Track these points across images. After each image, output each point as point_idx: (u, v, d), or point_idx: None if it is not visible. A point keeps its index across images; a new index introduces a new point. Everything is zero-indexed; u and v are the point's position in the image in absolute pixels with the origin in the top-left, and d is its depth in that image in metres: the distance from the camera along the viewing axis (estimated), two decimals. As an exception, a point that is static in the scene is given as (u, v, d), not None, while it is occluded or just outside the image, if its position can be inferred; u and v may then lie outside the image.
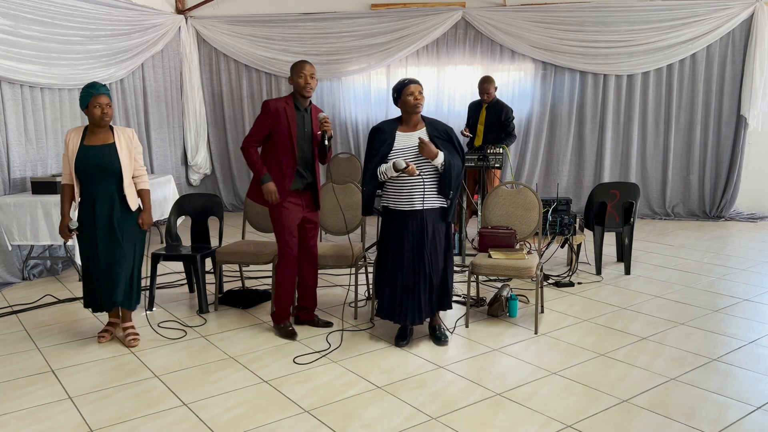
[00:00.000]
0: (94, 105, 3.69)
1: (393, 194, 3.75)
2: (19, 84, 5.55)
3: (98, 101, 3.68)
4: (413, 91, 3.68)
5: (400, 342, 3.84)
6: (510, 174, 7.76)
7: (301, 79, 3.80)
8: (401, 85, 3.73)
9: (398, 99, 3.75)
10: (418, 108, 3.71)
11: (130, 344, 3.88)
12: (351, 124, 8.45)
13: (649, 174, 7.95)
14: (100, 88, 3.71)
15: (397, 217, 3.75)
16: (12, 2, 5.35)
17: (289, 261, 3.94)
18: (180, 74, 8.29)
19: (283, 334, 3.99)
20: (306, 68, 3.82)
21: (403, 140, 3.72)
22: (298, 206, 3.95)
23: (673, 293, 4.84)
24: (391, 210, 3.78)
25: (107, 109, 3.71)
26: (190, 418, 2.97)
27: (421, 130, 3.75)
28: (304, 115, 3.89)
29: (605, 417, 2.94)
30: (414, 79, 3.74)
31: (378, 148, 3.74)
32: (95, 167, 3.70)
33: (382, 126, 3.82)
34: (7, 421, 2.97)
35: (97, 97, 3.68)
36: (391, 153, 3.69)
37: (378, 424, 2.90)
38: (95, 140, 3.75)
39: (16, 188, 5.58)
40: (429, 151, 3.62)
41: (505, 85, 8.00)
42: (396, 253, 3.75)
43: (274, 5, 8.25)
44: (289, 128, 3.81)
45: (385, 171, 3.68)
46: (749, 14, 7.38)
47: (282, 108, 3.82)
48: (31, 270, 5.55)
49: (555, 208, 5.12)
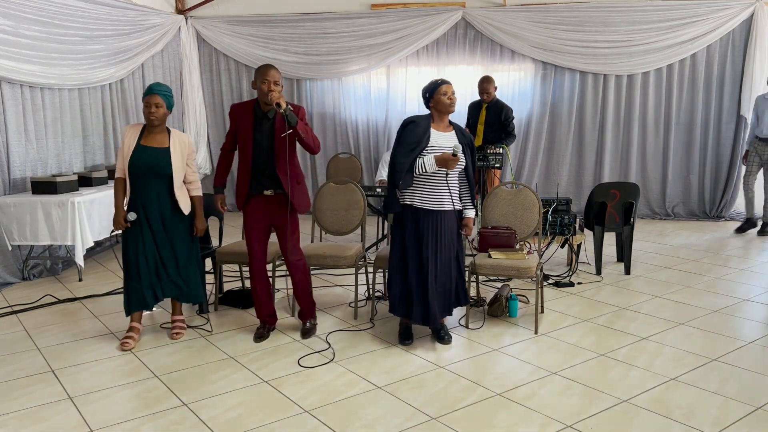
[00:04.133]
0: (145, 104, 3.74)
1: (421, 193, 3.71)
2: (19, 84, 5.55)
3: (148, 100, 3.72)
4: (447, 90, 3.68)
5: (405, 341, 3.84)
6: (510, 174, 7.77)
7: (264, 85, 3.63)
8: (434, 86, 3.70)
9: (431, 99, 3.72)
10: (452, 108, 3.70)
11: (173, 337, 3.98)
12: (351, 124, 8.45)
13: (649, 174, 7.95)
14: (155, 88, 3.73)
15: (421, 216, 3.71)
16: (12, 2, 5.34)
17: (253, 267, 3.93)
18: (180, 74, 8.29)
19: (254, 335, 4.01)
20: (270, 74, 3.63)
21: (439, 138, 3.69)
22: (262, 212, 3.84)
23: (673, 293, 4.84)
24: (416, 208, 3.72)
25: (155, 109, 3.72)
26: (190, 418, 2.97)
27: (451, 132, 3.76)
28: (263, 121, 3.72)
29: (605, 417, 2.94)
30: (446, 80, 3.72)
31: (414, 142, 3.66)
32: (148, 168, 3.75)
33: (416, 119, 3.75)
34: (7, 421, 2.97)
35: (149, 96, 3.72)
36: (427, 149, 3.65)
37: (378, 424, 2.90)
38: (151, 141, 3.79)
39: (16, 188, 5.58)
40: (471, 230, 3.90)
41: (505, 85, 8.00)
42: (413, 252, 3.73)
43: (274, 5, 8.25)
44: (245, 134, 3.74)
45: (425, 163, 3.62)
46: (749, 14, 7.38)
47: (241, 113, 3.76)
48: (31, 270, 5.55)
49: (555, 208, 5.12)
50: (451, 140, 3.71)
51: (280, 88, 3.67)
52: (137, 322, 3.98)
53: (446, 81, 3.72)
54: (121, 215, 3.81)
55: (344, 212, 4.65)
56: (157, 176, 3.77)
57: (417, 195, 3.72)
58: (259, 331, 3.99)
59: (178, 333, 4.00)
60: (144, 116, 3.78)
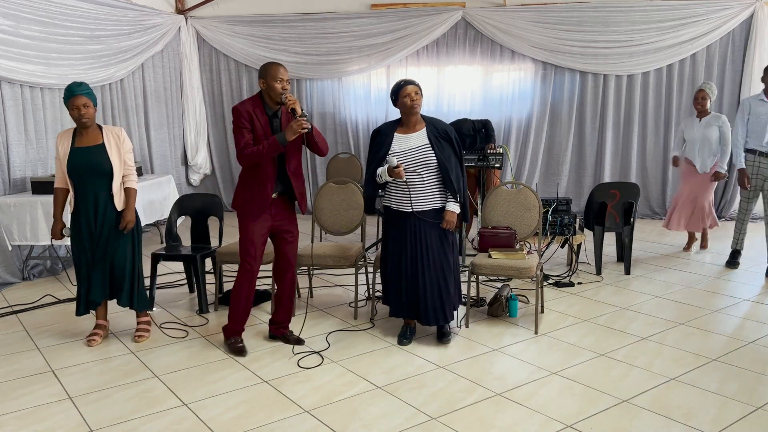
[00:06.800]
0: (71, 107, 3.66)
1: (395, 195, 3.78)
2: (19, 84, 5.55)
3: (74, 103, 3.64)
4: (409, 92, 3.67)
5: (403, 340, 3.86)
6: (510, 174, 7.77)
7: (278, 84, 3.49)
8: (398, 87, 3.73)
9: (396, 101, 3.75)
10: (415, 109, 3.70)
11: (135, 340, 3.93)
12: (351, 124, 8.46)
13: (649, 174, 7.95)
14: (75, 90, 3.64)
15: (395, 218, 3.79)
16: (12, 2, 5.35)
17: (245, 275, 3.68)
18: (180, 74, 8.29)
19: (231, 350, 3.74)
20: (282, 72, 3.52)
21: (401, 142, 3.73)
22: (267, 215, 3.64)
23: (673, 293, 4.84)
24: (392, 210, 3.81)
25: (84, 110, 3.66)
26: (190, 418, 2.97)
27: (421, 130, 3.75)
28: (273, 120, 3.59)
29: (605, 417, 2.94)
30: (410, 80, 3.73)
31: (377, 150, 3.76)
32: (86, 168, 3.70)
33: (381, 128, 3.84)
34: (7, 421, 2.97)
35: (73, 99, 3.64)
36: (390, 154, 3.70)
37: (378, 424, 2.90)
38: (85, 141, 3.74)
39: (16, 188, 5.58)
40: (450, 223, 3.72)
41: (505, 85, 8.01)
42: (395, 252, 3.80)
43: (274, 5, 8.25)
44: (264, 133, 3.52)
45: (380, 173, 3.71)
46: (749, 14, 7.38)
47: (252, 111, 3.52)
48: (31, 270, 5.55)
49: (555, 208, 5.12)
50: (419, 140, 3.70)
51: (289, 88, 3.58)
52: (102, 319, 4.03)
53: (411, 81, 3.71)
54: (59, 227, 3.80)
55: (344, 212, 4.65)
56: (97, 174, 3.71)
57: (393, 197, 3.78)
58: (240, 345, 3.74)
59: (141, 336, 3.97)
60: (74, 120, 3.69)
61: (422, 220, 3.71)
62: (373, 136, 3.84)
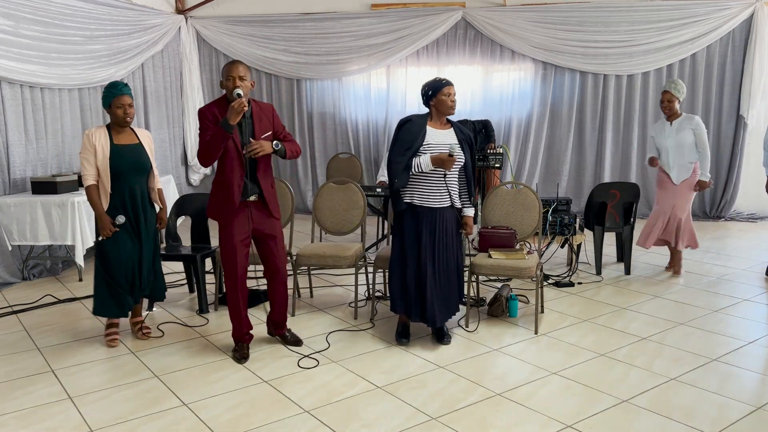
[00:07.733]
0: (117, 105, 3.71)
1: (420, 190, 3.71)
2: (19, 84, 5.55)
3: (121, 101, 3.71)
4: (450, 92, 3.67)
5: (402, 340, 3.85)
6: (510, 174, 7.77)
7: (229, 82, 3.40)
8: (438, 85, 3.67)
9: (432, 97, 3.69)
10: (453, 110, 3.70)
11: (141, 337, 3.99)
12: (351, 124, 8.45)
13: (649, 174, 7.95)
14: (123, 89, 3.72)
15: (420, 214, 3.71)
16: (12, 2, 5.34)
17: (230, 282, 3.60)
18: (180, 74, 8.29)
19: (233, 357, 3.69)
20: (233, 70, 3.41)
21: (435, 136, 3.68)
22: (247, 219, 3.56)
23: (673, 293, 4.84)
24: (415, 206, 3.72)
25: (129, 109, 3.74)
26: (190, 418, 2.97)
27: (449, 129, 3.76)
28: (242, 121, 3.46)
29: (605, 417, 2.94)
30: (450, 81, 3.70)
31: (410, 141, 3.65)
32: (129, 165, 3.75)
33: (412, 118, 3.74)
34: (7, 421, 2.97)
35: (119, 97, 3.70)
36: (423, 147, 3.64)
37: (378, 424, 2.90)
38: (124, 140, 3.80)
39: (16, 188, 5.58)
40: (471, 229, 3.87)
41: (505, 85, 8.01)
42: (412, 250, 3.73)
43: (274, 5, 8.25)
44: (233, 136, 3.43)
45: (419, 163, 3.62)
46: (749, 14, 7.38)
47: (217, 113, 3.43)
48: (31, 270, 5.55)
49: (555, 208, 5.12)
50: (449, 138, 3.71)
51: (248, 83, 3.45)
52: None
53: (450, 82, 3.69)
54: (108, 221, 3.71)
55: (344, 212, 4.65)
56: (138, 172, 3.80)
57: (416, 192, 3.72)
58: (243, 351, 3.68)
59: (148, 332, 4.04)
60: (118, 118, 3.71)
61: (445, 216, 3.72)
62: (402, 124, 3.71)
